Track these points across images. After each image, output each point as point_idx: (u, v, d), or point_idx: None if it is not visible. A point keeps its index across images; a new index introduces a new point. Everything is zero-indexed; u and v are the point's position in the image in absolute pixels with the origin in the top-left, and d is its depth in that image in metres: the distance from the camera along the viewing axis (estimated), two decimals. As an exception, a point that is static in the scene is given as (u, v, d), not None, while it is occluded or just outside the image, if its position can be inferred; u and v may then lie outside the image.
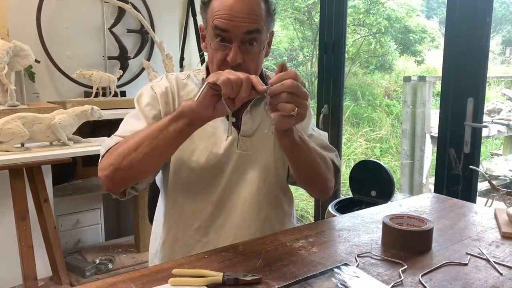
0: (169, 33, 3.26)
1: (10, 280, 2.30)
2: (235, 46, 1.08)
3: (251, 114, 1.21)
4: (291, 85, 0.91)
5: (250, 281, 0.83)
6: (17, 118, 2.03)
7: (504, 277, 0.87)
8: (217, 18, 1.08)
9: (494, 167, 4.86)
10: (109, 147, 1.10)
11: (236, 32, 1.08)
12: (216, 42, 1.11)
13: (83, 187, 2.91)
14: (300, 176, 1.18)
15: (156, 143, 1.01)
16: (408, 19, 7.81)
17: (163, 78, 1.27)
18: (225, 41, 1.09)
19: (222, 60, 1.11)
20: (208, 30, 1.13)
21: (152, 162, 1.07)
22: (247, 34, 1.09)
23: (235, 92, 0.92)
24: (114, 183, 1.09)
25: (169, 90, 1.22)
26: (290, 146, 1.04)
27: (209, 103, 0.94)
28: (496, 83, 6.83)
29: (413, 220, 1.05)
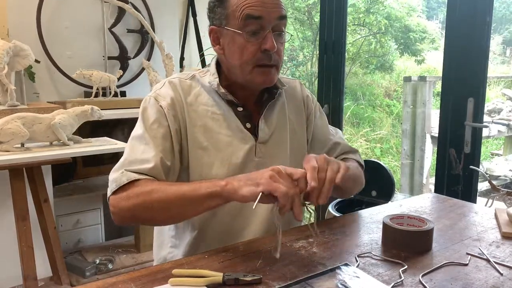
0: (169, 33, 3.26)
1: (10, 280, 2.30)
2: (269, 32, 1.07)
3: (265, 120, 1.19)
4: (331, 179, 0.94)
5: (250, 281, 0.83)
6: (17, 118, 2.03)
7: (504, 277, 0.87)
8: (248, 7, 1.06)
9: (494, 167, 4.86)
10: (122, 184, 1.03)
11: (270, 18, 1.07)
12: (248, 32, 1.08)
13: (83, 187, 2.91)
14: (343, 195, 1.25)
15: (184, 210, 0.99)
16: (408, 18, 7.81)
17: (165, 85, 1.18)
18: (257, 30, 1.08)
19: (256, 51, 1.09)
20: (233, 24, 1.09)
21: (175, 221, 1.09)
22: (279, 19, 1.09)
23: (289, 205, 0.88)
24: (127, 223, 1.07)
25: (175, 101, 1.14)
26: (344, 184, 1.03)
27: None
28: (496, 83, 6.83)
29: (413, 220, 1.05)
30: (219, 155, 1.14)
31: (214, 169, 1.13)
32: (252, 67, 1.11)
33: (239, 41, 1.09)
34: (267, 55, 1.09)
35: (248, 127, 1.17)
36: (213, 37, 1.17)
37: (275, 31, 1.09)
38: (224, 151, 1.14)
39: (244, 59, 1.10)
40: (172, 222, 1.10)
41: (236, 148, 1.15)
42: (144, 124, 1.13)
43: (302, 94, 1.32)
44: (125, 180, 1.02)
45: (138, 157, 1.08)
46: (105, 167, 2.99)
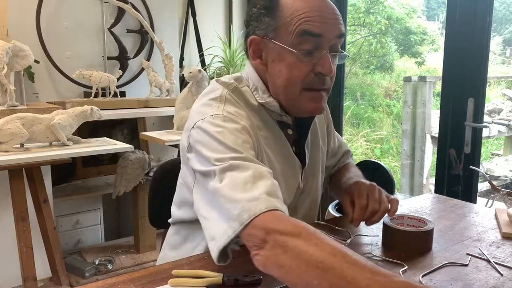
0: (168, 33, 3.26)
1: (9, 280, 2.30)
2: (326, 53, 0.94)
3: (307, 143, 1.11)
4: None
5: (250, 282, 0.83)
6: (16, 119, 2.03)
7: (504, 278, 0.87)
8: (307, 22, 0.92)
9: (494, 168, 4.86)
10: (258, 213, 0.75)
11: (329, 36, 0.94)
12: (303, 51, 0.93)
13: (82, 188, 2.91)
14: None
15: None
16: (409, 20, 7.81)
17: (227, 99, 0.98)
18: (313, 48, 0.94)
19: (307, 72, 0.95)
20: (284, 39, 0.94)
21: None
22: (339, 38, 0.96)
23: None
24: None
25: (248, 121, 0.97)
26: None
27: None
28: (496, 83, 6.83)
29: (413, 220, 1.05)
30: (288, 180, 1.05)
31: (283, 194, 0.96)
32: (300, 90, 0.97)
33: (289, 59, 0.95)
34: (321, 78, 0.96)
35: (294, 151, 1.07)
36: (254, 49, 1.01)
37: (332, 51, 0.96)
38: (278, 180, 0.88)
39: (292, 81, 0.96)
40: None
41: (287, 176, 1.05)
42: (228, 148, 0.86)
43: None
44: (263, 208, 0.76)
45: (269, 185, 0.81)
46: (104, 168, 2.99)
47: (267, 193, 0.78)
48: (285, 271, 0.71)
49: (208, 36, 3.51)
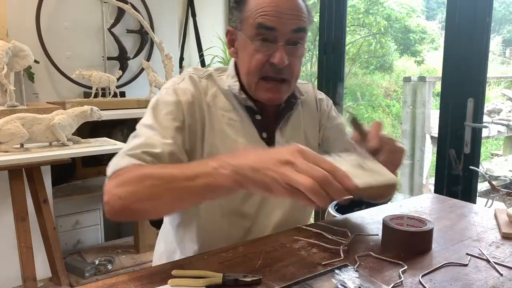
0: (168, 33, 3.26)
1: (9, 281, 2.30)
2: (281, 45, 1.01)
3: (281, 131, 1.14)
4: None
5: (250, 282, 0.83)
6: (16, 119, 2.03)
7: (504, 278, 0.87)
8: (262, 15, 1.00)
9: (494, 168, 4.86)
10: (120, 167, 0.92)
11: (284, 30, 1.00)
12: (258, 42, 1.02)
13: (82, 188, 2.91)
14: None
15: (178, 201, 0.86)
16: (408, 19, 7.82)
17: (185, 80, 1.10)
18: (269, 41, 1.01)
19: (263, 62, 1.03)
20: (246, 30, 1.04)
21: (170, 210, 0.95)
22: (294, 32, 1.02)
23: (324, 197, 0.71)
24: (119, 216, 0.91)
25: (195, 99, 1.06)
26: None
27: None
28: (496, 83, 6.83)
29: (413, 220, 1.05)
30: None
31: None
32: (258, 78, 1.05)
33: (249, 49, 1.04)
34: (276, 69, 1.03)
35: (264, 137, 1.12)
36: (229, 38, 1.12)
37: (290, 44, 1.03)
38: None
39: (251, 69, 1.05)
40: (169, 213, 1.00)
41: None
42: (155, 114, 1.03)
43: (315, 97, 1.27)
44: (123, 165, 0.92)
45: (143, 142, 0.97)
46: (104, 168, 2.97)
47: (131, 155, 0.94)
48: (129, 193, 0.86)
49: (208, 36, 3.52)
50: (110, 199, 0.89)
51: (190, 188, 0.82)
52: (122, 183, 0.88)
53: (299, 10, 1.02)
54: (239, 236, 1.12)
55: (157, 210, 0.90)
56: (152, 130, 0.99)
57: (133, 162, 0.93)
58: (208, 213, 1.10)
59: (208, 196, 0.85)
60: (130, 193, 0.86)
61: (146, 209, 0.88)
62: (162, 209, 0.91)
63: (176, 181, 0.83)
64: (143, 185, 0.85)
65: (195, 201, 0.91)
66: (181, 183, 0.82)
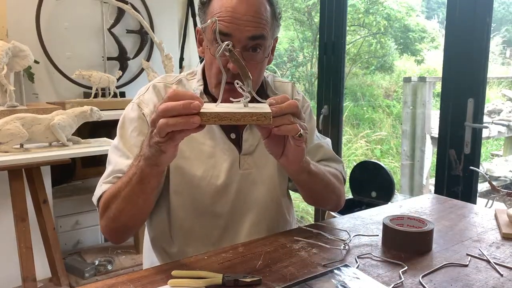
0: (168, 33, 3.26)
1: (9, 281, 2.30)
2: (238, 51, 0.98)
3: (251, 130, 1.13)
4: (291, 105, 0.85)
5: (250, 283, 0.83)
6: (16, 119, 2.03)
7: (504, 278, 0.87)
8: (219, 21, 0.96)
9: (494, 168, 4.86)
10: (99, 197, 1.05)
11: (239, 37, 0.99)
12: (215, 47, 0.97)
13: (82, 188, 2.91)
14: (314, 201, 1.16)
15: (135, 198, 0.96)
16: (408, 18, 7.82)
17: (149, 90, 1.13)
18: None
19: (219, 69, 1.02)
20: (207, 33, 1.04)
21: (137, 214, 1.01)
22: (251, 39, 1.00)
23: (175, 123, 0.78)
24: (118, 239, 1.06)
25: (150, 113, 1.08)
26: (304, 179, 1.02)
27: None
28: (496, 83, 6.83)
29: (413, 221, 1.05)
30: (201, 167, 1.10)
31: (195, 181, 1.10)
32: (217, 82, 1.05)
33: (208, 53, 1.05)
34: (231, 74, 0.98)
35: (232, 138, 1.13)
36: (198, 38, 1.13)
37: (248, 50, 1.01)
38: (206, 163, 1.10)
39: (210, 73, 1.06)
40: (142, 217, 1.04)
41: (219, 159, 1.11)
42: (121, 133, 1.11)
43: (293, 97, 1.25)
44: (100, 193, 1.04)
45: (115, 168, 1.06)
46: (104, 168, 2.98)
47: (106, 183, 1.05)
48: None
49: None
50: (103, 231, 1.04)
51: (133, 190, 0.94)
52: (102, 214, 1.02)
53: (258, 16, 1.00)
54: (216, 235, 1.13)
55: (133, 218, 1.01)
56: (119, 153, 1.09)
57: (105, 188, 1.03)
58: (182, 215, 1.12)
59: (147, 187, 0.93)
60: (107, 219, 1.01)
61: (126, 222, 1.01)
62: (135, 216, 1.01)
63: (122, 191, 0.96)
64: (109, 208, 0.99)
65: (144, 197, 0.96)
66: (127, 189, 0.95)
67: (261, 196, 1.15)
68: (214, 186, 1.11)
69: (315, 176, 1.04)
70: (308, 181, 1.04)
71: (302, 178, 1.02)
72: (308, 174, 1.01)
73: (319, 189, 1.09)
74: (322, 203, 1.20)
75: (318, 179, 1.06)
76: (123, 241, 1.07)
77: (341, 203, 1.21)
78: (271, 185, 1.16)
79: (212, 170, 1.10)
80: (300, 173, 1.00)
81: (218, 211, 1.12)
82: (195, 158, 1.10)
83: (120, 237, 1.06)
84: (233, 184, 1.12)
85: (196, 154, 1.10)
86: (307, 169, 1.00)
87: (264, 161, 1.15)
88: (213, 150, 1.11)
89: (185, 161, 1.09)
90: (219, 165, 1.11)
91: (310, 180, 1.04)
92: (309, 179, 1.03)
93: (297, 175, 1.02)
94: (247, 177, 1.13)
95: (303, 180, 1.04)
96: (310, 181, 1.04)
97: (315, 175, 1.04)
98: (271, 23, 1.05)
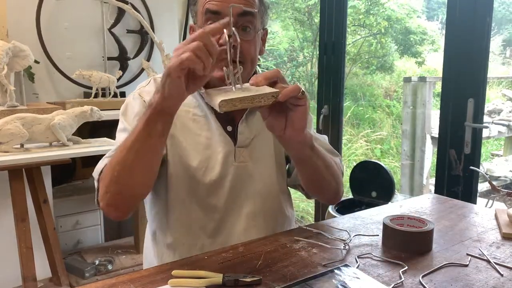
0: (168, 33, 3.26)
1: (9, 281, 2.30)
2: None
3: (247, 123, 1.15)
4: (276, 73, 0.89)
5: (250, 282, 0.83)
6: (16, 119, 2.03)
7: (504, 278, 0.87)
8: (208, 2, 1.03)
9: (494, 168, 4.86)
10: (99, 171, 1.03)
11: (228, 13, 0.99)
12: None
13: (82, 188, 2.91)
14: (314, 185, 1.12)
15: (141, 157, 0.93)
16: (409, 20, 7.82)
17: (150, 82, 1.18)
18: None
19: None
20: (199, 21, 1.07)
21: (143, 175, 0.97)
22: (241, 16, 1.03)
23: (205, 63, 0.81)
24: (119, 211, 1.01)
25: None
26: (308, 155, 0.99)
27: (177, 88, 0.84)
28: (496, 83, 6.83)
29: (413, 221, 1.05)
30: (197, 157, 1.11)
31: (191, 170, 1.11)
32: None
33: None
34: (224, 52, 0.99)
35: (229, 130, 1.14)
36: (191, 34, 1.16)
37: (239, 26, 1.03)
38: (202, 154, 1.12)
39: None
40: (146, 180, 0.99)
41: (214, 151, 1.12)
42: (125, 118, 1.13)
43: None
44: (101, 166, 1.03)
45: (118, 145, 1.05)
46: (104, 168, 2.98)
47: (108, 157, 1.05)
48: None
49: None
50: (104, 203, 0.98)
51: (137, 142, 0.91)
52: (103, 181, 0.98)
53: None
54: (212, 227, 1.13)
55: (135, 178, 0.96)
56: (123, 134, 1.08)
57: (107, 161, 1.01)
58: (178, 206, 1.13)
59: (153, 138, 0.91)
60: (109, 181, 0.96)
61: (127, 184, 0.96)
62: (137, 176, 0.96)
63: (127, 144, 0.92)
64: (111, 169, 0.95)
65: (149, 151, 0.93)
66: (129, 143, 0.92)
67: (257, 190, 1.15)
68: (209, 177, 1.11)
69: (317, 153, 1.02)
70: (311, 157, 1.01)
71: (306, 153, 0.99)
72: (311, 149, 0.99)
73: (321, 169, 1.06)
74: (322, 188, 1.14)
75: (320, 156, 1.04)
76: (122, 213, 1.02)
77: (340, 194, 1.18)
78: (268, 179, 1.17)
79: (207, 161, 1.12)
80: (304, 147, 0.97)
81: (214, 203, 1.13)
82: (191, 149, 1.11)
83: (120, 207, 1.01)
84: (228, 176, 1.13)
85: (193, 145, 1.12)
86: (310, 142, 0.98)
87: (260, 155, 1.16)
88: (209, 142, 1.13)
89: (181, 151, 1.11)
90: (214, 156, 1.12)
91: (314, 156, 1.01)
92: (312, 155, 1.01)
93: (302, 150, 0.98)
94: (242, 169, 1.14)
95: (307, 156, 1.00)
96: (313, 158, 1.02)
97: (317, 152, 1.02)
98: (259, 6, 1.09)
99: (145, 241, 1.27)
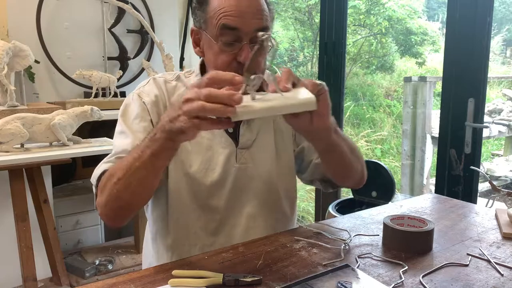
0: (169, 33, 3.26)
1: (9, 281, 2.30)
2: (246, 44, 1.01)
3: (248, 125, 1.15)
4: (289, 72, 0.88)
5: (250, 282, 0.83)
6: (16, 119, 2.03)
7: (505, 278, 0.87)
8: (225, 16, 1.01)
9: (495, 168, 4.86)
10: (97, 177, 1.03)
11: (246, 30, 1.01)
12: (222, 42, 1.03)
13: (82, 188, 2.91)
14: (343, 171, 1.11)
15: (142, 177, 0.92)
16: (410, 20, 7.81)
17: (150, 82, 1.17)
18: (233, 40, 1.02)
19: (229, 62, 1.03)
20: (210, 30, 1.05)
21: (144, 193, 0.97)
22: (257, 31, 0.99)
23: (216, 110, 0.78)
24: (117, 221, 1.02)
25: (159, 98, 1.13)
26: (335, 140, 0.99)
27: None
28: (496, 83, 6.83)
29: (413, 220, 1.05)
30: (198, 158, 1.12)
31: (192, 171, 1.11)
32: None
33: (214, 49, 1.05)
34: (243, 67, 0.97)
35: (230, 132, 1.14)
36: (194, 38, 1.14)
37: (254, 42, 1.01)
38: (204, 155, 1.12)
39: (217, 68, 1.04)
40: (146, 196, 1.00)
41: (216, 152, 1.12)
42: (124, 120, 1.12)
43: None
44: (99, 173, 1.03)
45: (117, 151, 1.06)
46: (105, 168, 2.98)
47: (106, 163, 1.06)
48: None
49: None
50: (102, 212, 0.99)
51: (143, 165, 0.90)
52: (101, 192, 0.99)
53: (260, 9, 1.04)
54: (213, 228, 1.14)
55: (135, 197, 0.97)
56: (124, 136, 1.09)
57: (106, 168, 1.02)
58: (179, 206, 1.13)
59: (158, 163, 0.91)
60: (108, 196, 0.96)
61: (127, 201, 0.96)
62: (138, 195, 0.97)
63: (131, 165, 0.91)
64: (112, 184, 0.94)
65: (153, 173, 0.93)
66: (135, 164, 0.91)
67: (258, 191, 1.16)
68: (210, 178, 1.12)
69: (341, 136, 1.03)
70: (338, 142, 1.01)
71: (333, 139, 0.99)
72: (335, 133, 0.99)
73: (347, 154, 1.06)
74: (351, 172, 1.13)
75: (344, 139, 1.05)
76: (121, 223, 1.02)
77: (364, 176, 1.19)
78: (269, 181, 1.17)
79: (208, 163, 1.12)
80: (330, 132, 0.96)
81: (215, 204, 1.13)
82: (193, 150, 1.11)
83: (119, 218, 1.01)
84: (229, 178, 1.13)
85: (194, 146, 1.12)
86: (334, 127, 0.98)
87: (261, 157, 1.16)
88: (210, 143, 1.13)
89: (183, 153, 1.11)
90: (216, 158, 1.12)
91: (339, 140, 1.01)
92: (338, 139, 1.01)
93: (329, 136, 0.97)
94: (243, 171, 1.14)
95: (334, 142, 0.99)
96: (340, 142, 1.02)
97: (341, 134, 1.03)
98: (270, 15, 1.08)
99: (145, 241, 1.27)
